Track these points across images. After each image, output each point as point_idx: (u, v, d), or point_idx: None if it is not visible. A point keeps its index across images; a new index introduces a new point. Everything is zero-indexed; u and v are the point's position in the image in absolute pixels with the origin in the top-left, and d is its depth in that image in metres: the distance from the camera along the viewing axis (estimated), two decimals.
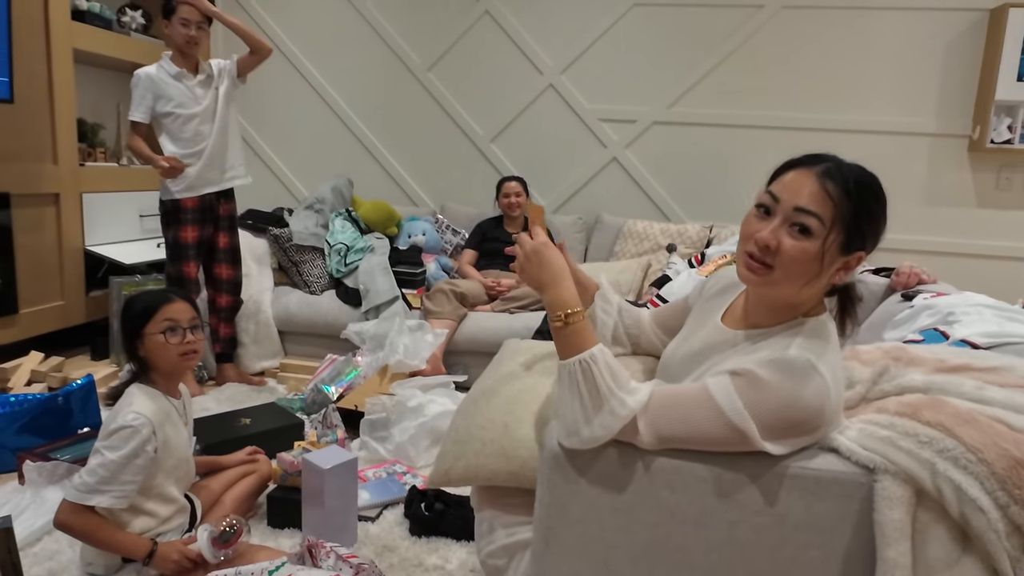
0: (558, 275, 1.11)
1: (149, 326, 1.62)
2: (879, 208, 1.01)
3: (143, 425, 1.52)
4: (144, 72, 2.72)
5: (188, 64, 2.79)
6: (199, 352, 1.69)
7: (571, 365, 1.03)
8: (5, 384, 2.64)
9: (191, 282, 2.85)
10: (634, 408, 1.00)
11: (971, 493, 0.90)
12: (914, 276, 1.92)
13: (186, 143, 2.77)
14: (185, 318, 1.65)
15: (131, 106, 2.72)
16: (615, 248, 3.58)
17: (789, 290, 1.03)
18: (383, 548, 1.78)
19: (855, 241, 1.00)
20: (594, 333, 1.08)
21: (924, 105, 3.47)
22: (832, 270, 1.01)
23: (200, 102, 2.80)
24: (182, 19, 2.69)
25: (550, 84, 3.82)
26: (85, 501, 1.48)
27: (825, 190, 0.98)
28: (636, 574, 1.05)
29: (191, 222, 2.82)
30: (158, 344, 1.62)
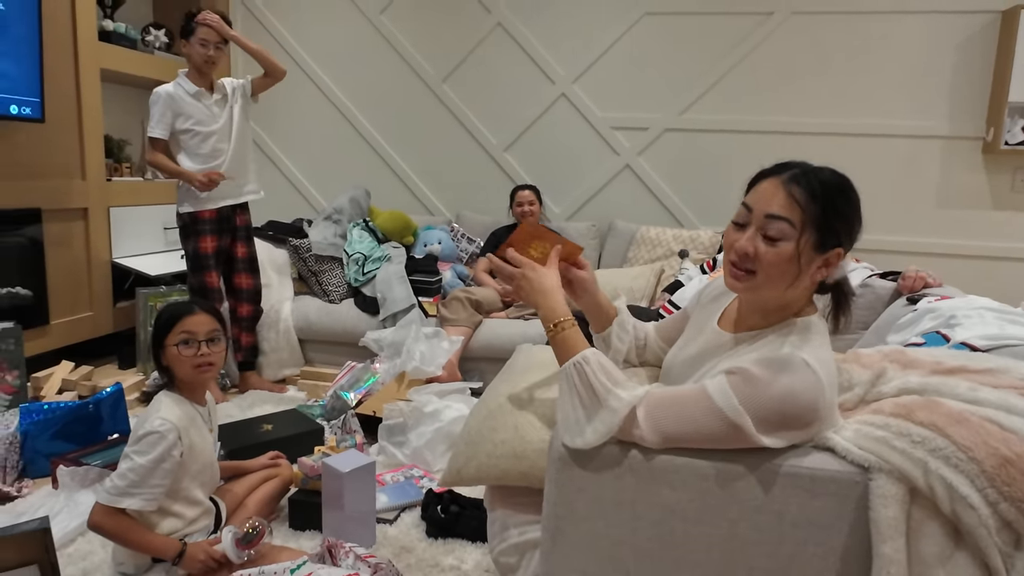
0: (548, 291, 1.19)
1: (168, 337, 1.68)
2: (848, 205, 1.06)
3: (169, 431, 1.59)
4: (163, 90, 2.80)
5: (205, 82, 2.87)
6: (216, 365, 1.72)
7: (567, 368, 1.10)
8: (38, 392, 2.74)
9: (213, 291, 2.93)
10: (630, 401, 1.05)
11: (962, 491, 0.93)
12: (920, 280, 1.95)
13: (204, 159, 2.84)
14: (203, 330, 1.69)
15: (150, 123, 2.79)
16: (628, 254, 3.62)
17: (773, 292, 1.08)
18: (401, 549, 1.83)
19: (829, 239, 1.05)
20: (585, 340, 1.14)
21: (937, 108, 3.47)
22: (812, 268, 1.06)
23: (217, 120, 2.88)
24: (201, 39, 2.78)
25: (562, 93, 3.88)
26: (116, 503, 1.54)
27: (792, 195, 1.04)
28: (641, 570, 1.09)
29: (209, 232, 2.89)
30: (174, 356, 1.67)
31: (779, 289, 1.07)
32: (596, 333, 1.44)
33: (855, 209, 1.07)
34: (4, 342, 2.60)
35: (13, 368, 2.63)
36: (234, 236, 3.01)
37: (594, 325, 1.43)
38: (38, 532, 1.37)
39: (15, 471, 2.16)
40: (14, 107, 2.76)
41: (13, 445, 2.16)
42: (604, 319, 1.40)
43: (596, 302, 1.37)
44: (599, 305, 1.37)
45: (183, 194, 2.88)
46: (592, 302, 1.37)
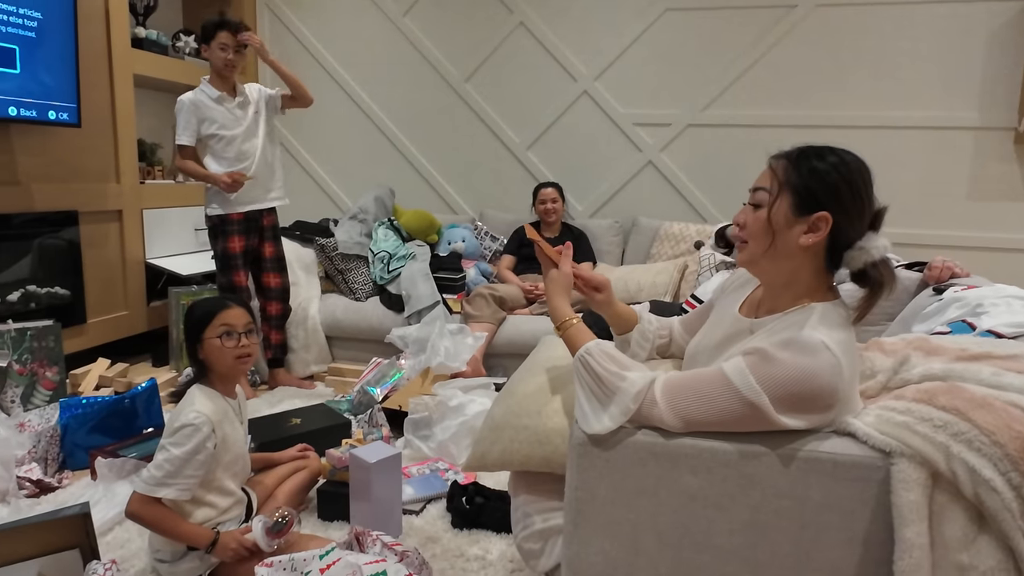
0: (552, 295, 1.30)
1: (207, 331, 1.73)
2: (826, 167, 1.07)
3: (204, 423, 1.63)
4: (186, 98, 2.87)
5: (226, 86, 2.93)
6: (253, 355, 1.79)
7: (575, 362, 1.14)
8: (76, 388, 2.83)
9: (242, 290, 2.99)
10: (638, 382, 1.07)
11: (984, 474, 0.93)
12: (947, 270, 1.92)
13: (231, 162, 2.91)
14: (240, 323, 1.75)
15: (177, 130, 2.87)
16: (652, 251, 3.61)
17: (765, 262, 1.13)
18: (427, 539, 1.86)
19: (808, 202, 1.07)
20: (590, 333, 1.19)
21: (967, 98, 3.41)
22: (794, 232, 1.08)
23: (241, 123, 2.94)
24: (221, 44, 2.85)
25: (584, 91, 3.89)
26: (153, 493, 1.58)
27: (771, 168, 1.12)
28: (662, 555, 1.10)
29: (237, 233, 2.96)
30: (215, 348, 1.72)
31: (766, 256, 1.12)
32: (617, 335, 1.48)
33: (837, 171, 1.06)
34: (44, 339, 2.69)
35: (53, 364, 2.72)
36: (261, 236, 3.07)
37: (614, 329, 1.49)
38: (79, 517, 1.42)
39: (56, 463, 2.23)
40: (52, 113, 2.86)
41: (54, 438, 2.24)
42: (624, 325, 1.47)
43: (615, 312, 1.44)
44: (618, 314, 1.45)
45: (211, 196, 2.95)
46: (610, 313, 1.44)
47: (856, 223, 1.07)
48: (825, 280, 1.12)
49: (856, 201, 1.06)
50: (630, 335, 1.45)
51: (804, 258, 1.10)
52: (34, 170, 2.94)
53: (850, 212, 1.06)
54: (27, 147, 2.90)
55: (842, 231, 1.07)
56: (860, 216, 1.07)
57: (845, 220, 1.06)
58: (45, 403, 2.63)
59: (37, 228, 2.94)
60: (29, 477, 2.09)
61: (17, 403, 2.57)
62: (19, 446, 2.17)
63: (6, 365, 2.55)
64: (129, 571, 1.70)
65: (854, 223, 1.07)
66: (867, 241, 1.06)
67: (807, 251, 1.09)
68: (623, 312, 1.45)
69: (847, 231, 1.07)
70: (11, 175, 2.85)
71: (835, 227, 1.06)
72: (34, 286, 2.94)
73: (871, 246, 1.06)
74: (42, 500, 2.05)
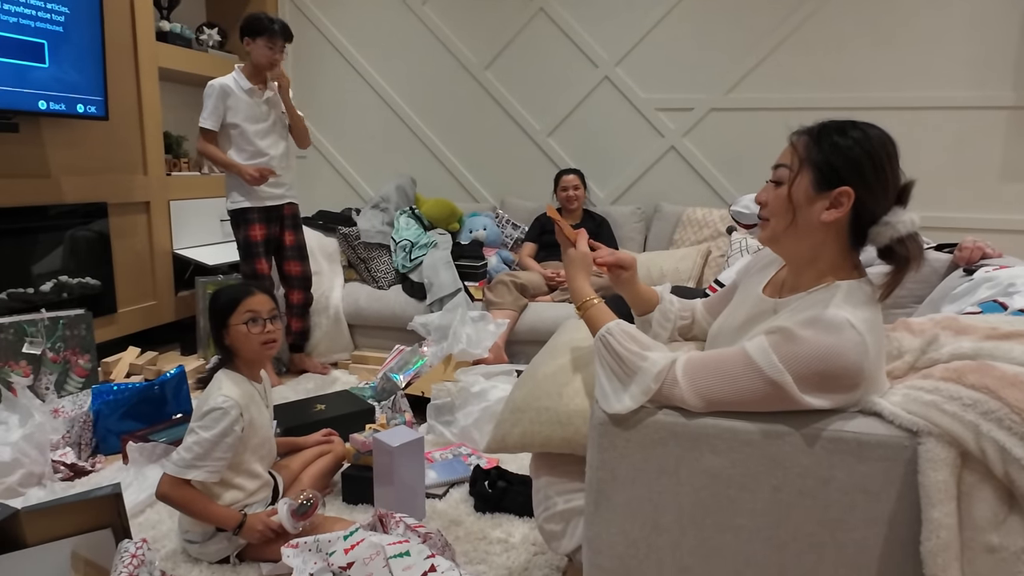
0: (572, 275, 1.30)
1: (233, 317, 1.75)
2: (848, 142, 1.04)
3: (232, 407, 1.66)
4: (218, 83, 2.87)
5: (259, 81, 2.94)
6: (278, 341, 1.82)
7: (596, 342, 1.14)
8: (108, 376, 2.89)
9: (264, 278, 3.02)
10: (661, 363, 1.06)
11: (1015, 453, 0.91)
12: (977, 250, 1.87)
13: (250, 155, 2.92)
14: (265, 309, 1.78)
15: (203, 113, 2.87)
16: (674, 237, 3.58)
17: (787, 239, 1.12)
18: (450, 523, 1.87)
19: (829, 177, 1.05)
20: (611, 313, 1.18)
21: (1000, 77, 3.32)
22: (816, 208, 1.06)
23: (266, 119, 2.95)
24: (269, 43, 2.85)
25: (605, 76, 3.86)
26: (182, 475, 1.62)
27: (792, 144, 1.10)
28: (684, 535, 1.10)
29: (258, 221, 2.97)
30: (241, 334, 1.75)
31: (787, 233, 1.10)
32: (638, 315, 1.47)
33: (860, 145, 1.04)
34: (77, 328, 2.75)
35: (85, 352, 2.78)
36: (282, 225, 3.09)
37: (635, 309, 1.49)
38: (111, 497, 1.45)
39: (89, 448, 2.29)
40: (80, 106, 2.91)
41: (87, 424, 2.29)
42: (644, 305, 1.46)
43: (636, 292, 1.44)
44: (639, 294, 1.44)
45: (232, 187, 2.97)
46: (632, 293, 1.44)
47: (880, 198, 1.04)
48: (850, 257, 1.10)
49: (879, 175, 1.03)
50: (651, 316, 1.44)
51: (827, 235, 1.08)
52: (64, 163, 3.00)
53: (873, 186, 1.04)
54: (57, 140, 2.96)
55: (865, 206, 1.05)
56: (884, 190, 1.04)
57: (868, 195, 1.04)
58: (78, 390, 2.70)
59: (68, 220, 3.01)
60: (64, 461, 2.15)
61: (51, 390, 2.64)
62: (53, 431, 2.23)
63: (40, 353, 2.61)
64: (160, 551, 1.73)
65: (878, 198, 1.04)
66: (893, 216, 1.03)
67: (829, 227, 1.07)
68: (644, 292, 1.44)
69: (871, 206, 1.04)
70: (42, 168, 2.91)
71: (858, 202, 1.04)
72: (66, 276, 3.01)
73: (897, 221, 1.03)
74: (76, 483, 2.10)
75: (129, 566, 1.32)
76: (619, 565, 1.14)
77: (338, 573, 1.36)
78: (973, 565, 0.94)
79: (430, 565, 1.32)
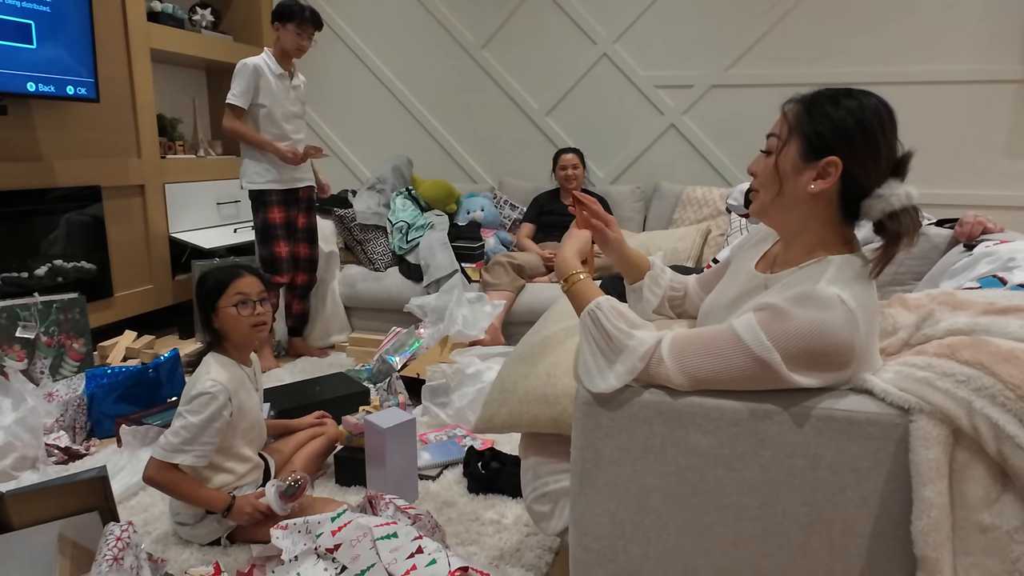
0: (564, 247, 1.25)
1: (222, 300, 1.73)
2: (838, 111, 1.01)
3: (220, 392, 1.64)
4: (251, 61, 2.87)
5: (287, 66, 2.96)
6: (267, 323, 1.80)
7: (583, 317, 1.10)
8: (104, 360, 2.89)
9: (282, 261, 3.01)
10: (648, 341, 1.03)
11: (1009, 430, 0.88)
12: (978, 225, 1.83)
13: (274, 138, 2.93)
14: (254, 291, 1.75)
15: (233, 90, 2.86)
16: (674, 216, 3.54)
17: (774, 211, 1.09)
18: (443, 504, 1.86)
19: (817, 146, 1.02)
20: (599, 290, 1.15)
21: (1008, 50, 3.24)
22: (803, 179, 1.04)
23: (292, 105, 2.99)
24: (299, 29, 2.86)
25: (604, 54, 3.79)
26: (170, 459, 1.60)
27: (783, 113, 1.08)
28: (670, 515, 1.08)
29: (277, 204, 2.99)
30: (231, 316, 1.72)
31: (775, 204, 1.08)
32: (628, 284, 1.44)
33: (851, 114, 1.00)
34: (70, 312, 2.74)
35: (79, 336, 2.77)
36: (297, 207, 3.10)
37: (626, 277, 1.46)
38: (96, 480, 1.45)
39: (84, 431, 2.29)
40: (70, 88, 2.88)
41: (81, 407, 2.29)
42: (635, 272, 1.43)
43: (623, 256, 1.40)
44: (627, 258, 1.41)
45: (251, 168, 2.95)
46: (620, 256, 1.40)
47: (871, 168, 1.00)
48: (841, 231, 1.07)
49: (870, 145, 0.99)
50: (641, 283, 1.41)
51: (815, 206, 1.05)
52: (56, 146, 2.97)
53: (863, 157, 1.00)
54: (48, 123, 2.93)
55: (855, 178, 1.01)
56: (875, 161, 1.00)
57: (858, 165, 1.00)
58: (73, 374, 2.69)
59: (61, 203, 2.99)
60: (57, 444, 2.14)
61: (46, 374, 2.63)
62: (47, 415, 2.22)
63: (33, 337, 2.61)
64: (152, 534, 1.73)
65: (868, 169, 1.00)
66: (887, 189, 0.99)
67: (818, 199, 1.04)
68: (634, 257, 1.40)
69: (861, 177, 1.01)
70: (33, 151, 2.89)
71: (847, 173, 1.01)
72: (61, 261, 3.00)
73: (891, 194, 0.98)
74: (70, 466, 2.10)
75: (114, 549, 1.31)
76: (605, 545, 1.12)
77: (324, 555, 1.35)
78: (965, 544, 0.92)
79: (417, 547, 1.31)
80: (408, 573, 1.25)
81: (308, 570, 1.34)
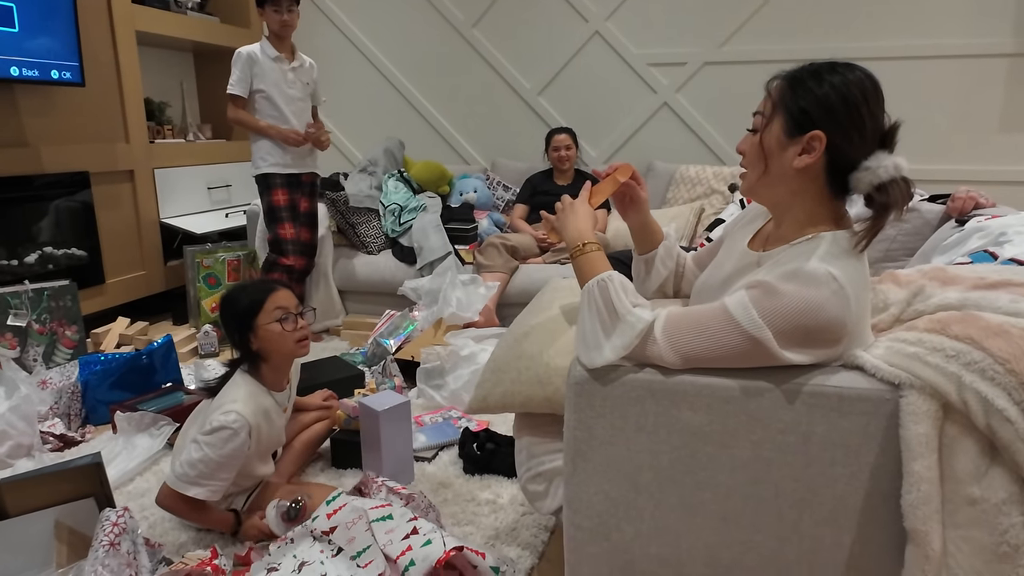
0: (576, 217, 1.23)
1: (261, 317, 1.60)
2: (821, 85, 1.00)
3: (242, 428, 1.54)
4: (245, 50, 2.86)
5: (284, 48, 2.91)
6: (308, 338, 1.69)
7: (590, 286, 1.09)
8: (98, 347, 2.88)
9: (288, 243, 3.00)
10: (647, 319, 1.03)
11: (998, 404, 0.89)
12: (970, 200, 1.83)
13: (275, 122, 2.91)
14: (292, 304, 1.65)
15: (231, 80, 2.86)
16: (668, 195, 3.53)
17: (762, 189, 1.09)
18: (439, 485, 1.87)
19: (801, 121, 1.01)
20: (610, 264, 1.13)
21: (1000, 23, 3.22)
22: (788, 155, 1.03)
23: (292, 87, 2.94)
24: (274, 7, 2.82)
25: (596, 31, 3.75)
26: (184, 491, 1.53)
27: (767, 90, 1.08)
28: (663, 493, 1.08)
29: (280, 186, 2.97)
30: (274, 334, 1.60)
31: (762, 180, 1.08)
32: (639, 255, 1.42)
33: (834, 87, 0.99)
34: (62, 299, 2.72)
35: (72, 323, 2.76)
36: (300, 192, 3.07)
37: (638, 247, 1.43)
38: (91, 466, 1.45)
39: (79, 418, 2.29)
40: (55, 72, 2.84)
41: (75, 394, 2.29)
42: (650, 240, 1.40)
43: (644, 221, 1.38)
44: (647, 224, 1.38)
45: (258, 153, 2.94)
46: (642, 220, 1.38)
47: (856, 141, 0.99)
48: (831, 207, 1.06)
49: (854, 117, 0.98)
50: (654, 253, 1.40)
51: (802, 182, 1.04)
52: (41, 132, 2.94)
53: (848, 129, 0.99)
54: (32, 108, 2.89)
55: (840, 151, 1.00)
56: (861, 134, 0.99)
57: (842, 138, 0.99)
58: (66, 361, 2.68)
59: (50, 190, 2.96)
60: (52, 432, 2.14)
61: (39, 362, 2.63)
62: (41, 402, 2.22)
63: (25, 325, 2.59)
64: (149, 519, 1.73)
65: (853, 141, 0.99)
66: (874, 161, 0.99)
67: (805, 174, 1.03)
68: (653, 223, 1.39)
69: (847, 150, 1.00)
70: (19, 137, 2.85)
71: (832, 147, 1.00)
72: (51, 248, 2.97)
73: (878, 166, 0.98)
74: (66, 453, 2.10)
75: (110, 534, 1.31)
76: (599, 524, 1.13)
77: (319, 537, 1.36)
78: (954, 517, 0.93)
79: (412, 528, 1.32)
80: (403, 554, 1.26)
81: (304, 552, 1.35)
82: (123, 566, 1.31)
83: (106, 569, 1.27)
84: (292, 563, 1.34)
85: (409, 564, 1.24)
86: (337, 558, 1.31)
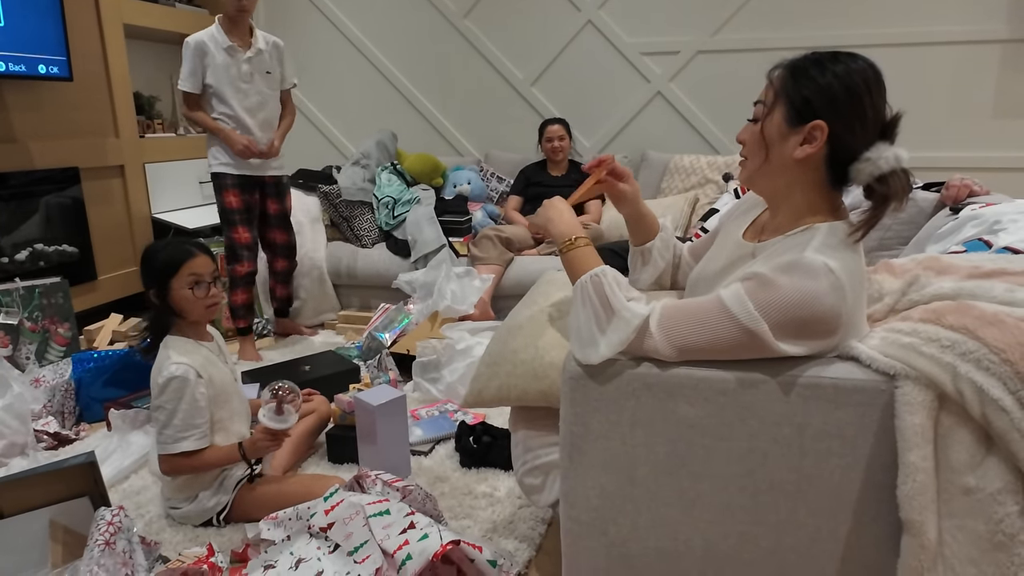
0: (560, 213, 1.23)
1: (175, 280, 1.65)
2: (824, 75, 0.99)
3: (187, 372, 1.60)
4: (193, 39, 2.66)
5: (239, 34, 2.72)
6: (218, 304, 1.74)
7: (583, 282, 1.09)
8: (91, 344, 2.86)
9: (241, 247, 2.82)
10: (642, 314, 1.03)
11: (993, 393, 0.89)
12: (964, 188, 1.82)
13: (223, 117, 2.73)
14: (208, 271, 1.69)
15: (181, 74, 2.68)
16: (662, 185, 3.52)
17: (761, 178, 1.09)
18: (435, 479, 1.87)
19: (804, 111, 1.00)
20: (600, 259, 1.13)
21: (994, 9, 3.21)
22: (789, 144, 1.03)
23: (247, 80, 2.73)
24: None
25: (588, 20, 3.73)
26: (175, 450, 1.59)
27: (770, 79, 1.06)
28: (659, 486, 1.08)
29: (232, 187, 2.79)
30: (186, 298, 1.66)
31: (762, 170, 1.07)
32: (635, 247, 1.41)
33: (836, 77, 0.98)
34: (53, 296, 2.71)
35: (64, 320, 2.74)
36: (264, 193, 2.92)
37: (633, 238, 1.42)
38: (85, 466, 1.44)
39: (73, 416, 2.27)
40: (42, 67, 2.80)
41: (68, 392, 2.27)
42: (645, 232, 1.39)
43: (638, 212, 1.37)
44: (641, 215, 1.38)
45: (211, 150, 2.79)
46: (634, 212, 1.37)
47: (858, 132, 0.99)
48: (829, 198, 1.05)
49: (856, 107, 0.98)
50: (651, 245, 1.39)
51: (802, 172, 1.04)
52: (30, 127, 2.90)
53: (849, 120, 0.98)
54: (20, 103, 2.86)
55: (842, 141, 0.99)
56: (862, 124, 0.98)
57: (844, 129, 0.99)
58: (59, 359, 2.67)
59: (39, 186, 2.93)
60: (46, 430, 2.13)
61: (32, 360, 2.61)
62: (34, 400, 2.21)
63: (16, 323, 2.57)
64: (144, 517, 1.73)
65: (855, 132, 0.99)
66: (875, 152, 0.98)
67: (805, 164, 1.02)
68: (648, 215, 1.38)
69: (848, 141, 0.99)
70: (7, 133, 2.82)
71: (833, 137, 0.99)
72: (42, 245, 2.95)
73: (879, 157, 0.97)
74: (60, 452, 2.09)
75: (105, 533, 1.31)
76: (595, 517, 1.13)
77: (317, 534, 1.35)
78: (949, 507, 0.93)
79: (409, 523, 1.31)
80: (400, 548, 1.25)
81: (301, 548, 1.35)
82: (119, 565, 1.30)
83: (102, 568, 1.26)
84: (289, 560, 1.33)
85: (406, 558, 1.24)
86: (334, 554, 1.31)
